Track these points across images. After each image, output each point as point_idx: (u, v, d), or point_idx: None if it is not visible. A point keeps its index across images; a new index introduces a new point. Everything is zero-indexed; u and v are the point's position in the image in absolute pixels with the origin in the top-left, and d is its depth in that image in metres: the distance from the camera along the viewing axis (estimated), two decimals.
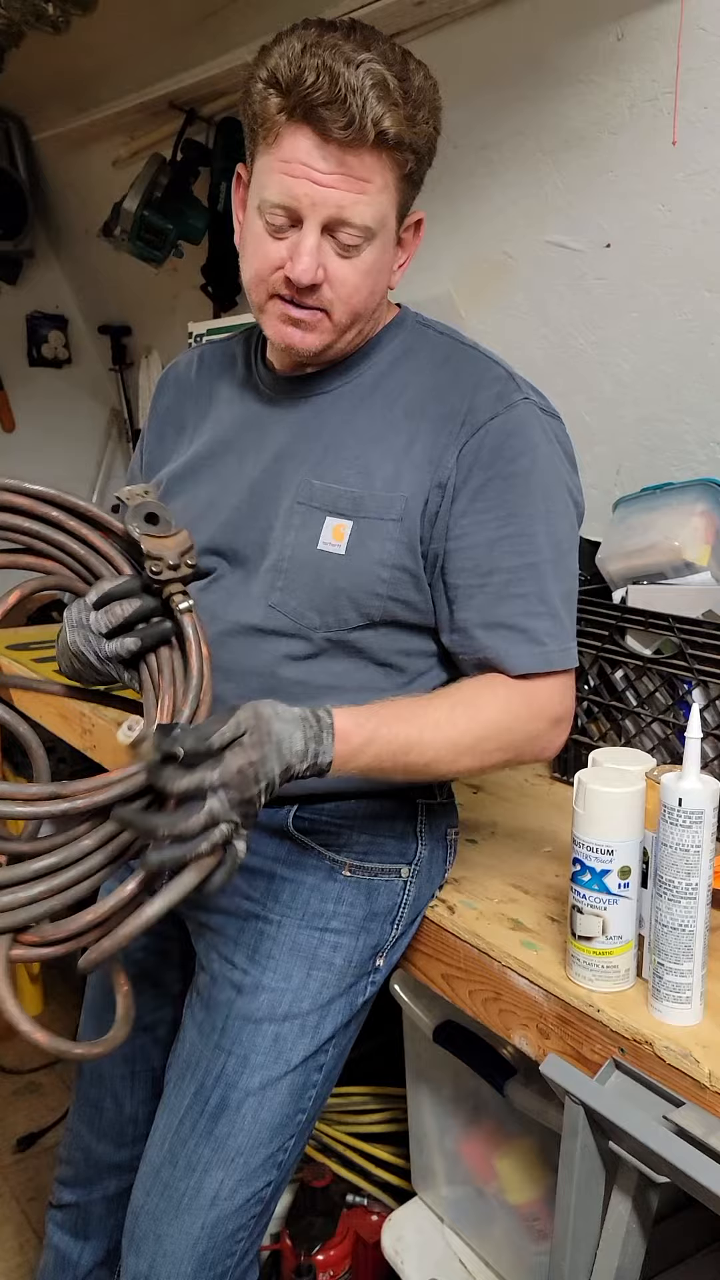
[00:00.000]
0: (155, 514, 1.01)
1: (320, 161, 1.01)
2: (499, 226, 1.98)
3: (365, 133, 1.00)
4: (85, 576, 1.04)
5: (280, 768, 0.94)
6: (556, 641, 1.11)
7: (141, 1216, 1.17)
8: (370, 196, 1.04)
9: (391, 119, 1.00)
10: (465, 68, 1.88)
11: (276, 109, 1.01)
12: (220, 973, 1.19)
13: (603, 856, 1.03)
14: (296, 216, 1.04)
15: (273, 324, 1.11)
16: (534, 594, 1.10)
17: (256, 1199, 1.16)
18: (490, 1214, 1.44)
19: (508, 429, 1.10)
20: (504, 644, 1.10)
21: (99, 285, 3.54)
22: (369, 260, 1.07)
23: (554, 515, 1.12)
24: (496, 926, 1.20)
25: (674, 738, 1.52)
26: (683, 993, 1.00)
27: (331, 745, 0.99)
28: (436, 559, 1.12)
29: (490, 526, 1.10)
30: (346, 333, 1.12)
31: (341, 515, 1.11)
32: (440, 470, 1.10)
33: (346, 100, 0.98)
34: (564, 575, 1.13)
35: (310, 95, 0.98)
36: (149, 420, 1.37)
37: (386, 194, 1.05)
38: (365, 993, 1.22)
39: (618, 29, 1.64)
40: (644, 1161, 0.95)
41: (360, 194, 1.03)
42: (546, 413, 1.15)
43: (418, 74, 1.04)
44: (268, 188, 1.05)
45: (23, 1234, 2.04)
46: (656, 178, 1.68)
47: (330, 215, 1.03)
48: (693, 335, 1.73)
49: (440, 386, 1.13)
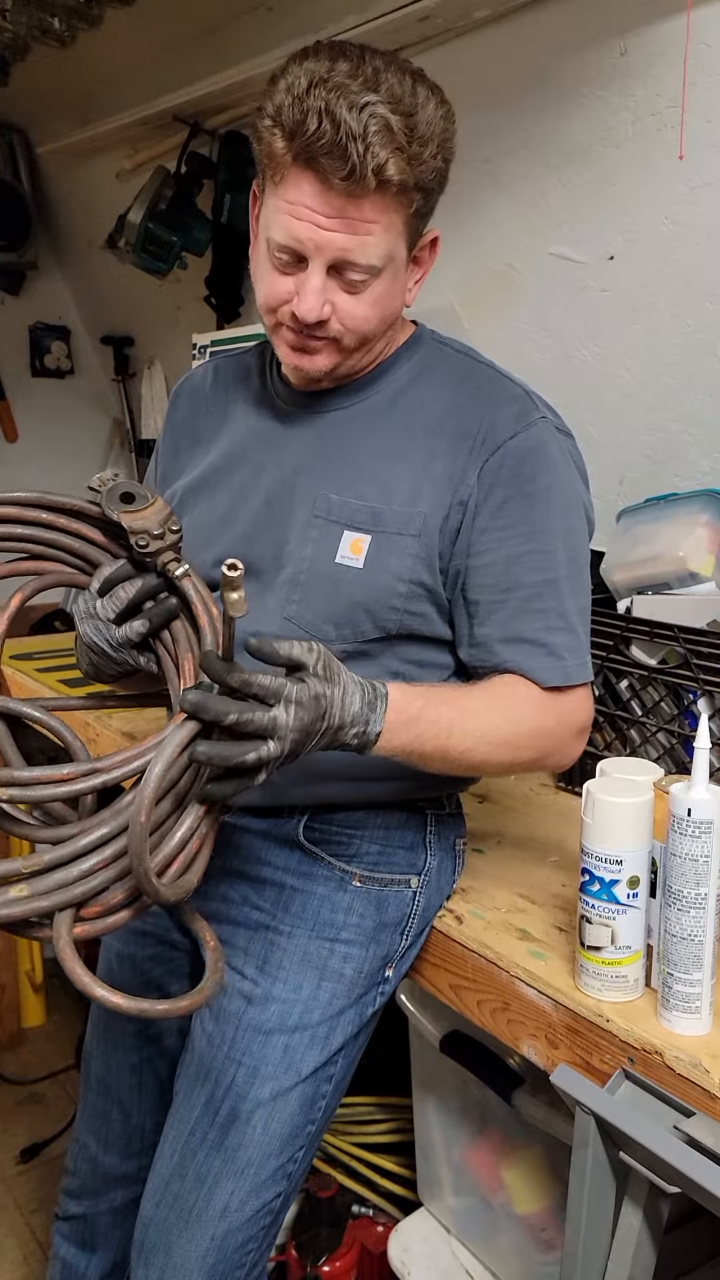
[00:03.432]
0: (130, 493, 1.01)
1: (324, 206, 1.01)
2: (503, 238, 1.99)
3: (366, 181, 0.99)
4: (85, 569, 1.05)
5: (337, 722, 0.96)
6: (575, 656, 1.13)
7: (150, 1228, 1.17)
8: (376, 238, 1.03)
9: (395, 165, 0.99)
10: (470, 81, 1.89)
11: (282, 150, 1.01)
12: (230, 983, 1.19)
13: (611, 866, 1.03)
14: (301, 257, 1.05)
15: (283, 348, 1.13)
16: (554, 609, 1.11)
17: (266, 1210, 1.16)
18: (497, 1224, 1.44)
19: (528, 447, 1.11)
20: (525, 658, 1.11)
21: (101, 296, 3.55)
22: (377, 293, 1.07)
23: (572, 532, 1.13)
24: (504, 936, 1.20)
25: (679, 748, 1.52)
26: (692, 1003, 1.01)
27: (383, 715, 1.00)
28: (458, 575, 1.13)
29: (511, 543, 1.11)
30: (355, 353, 1.13)
31: (360, 530, 1.12)
32: (462, 488, 1.11)
33: (347, 149, 0.97)
34: (580, 591, 1.15)
35: (312, 143, 0.98)
36: (163, 433, 1.37)
37: (393, 232, 1.05)
38: (375, 1003, 1.22)
39: (622, 44, 1.65)
40: (655, 1172, 0.96)
41: (366, 235, 1.03)
42: (562, 431, 1.16)
43: (427, 106, 1.02)
44: (273, 227, 1.05)
45: (27, 1245, 2.03)
46: (660, 191, 1.69)
47: (335, 258, 1.04)
48: (696, 347, 1.74)
49: (459, 405, 1.14)
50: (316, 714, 0.94)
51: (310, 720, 0.93)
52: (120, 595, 1.00)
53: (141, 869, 0.86)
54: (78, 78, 2.75)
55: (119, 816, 0.90)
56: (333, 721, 0.96)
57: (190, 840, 0.92)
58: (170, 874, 0.91)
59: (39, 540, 1.03)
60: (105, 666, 1.07)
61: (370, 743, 1.01)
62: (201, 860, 0.94)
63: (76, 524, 1.04)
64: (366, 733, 1.00)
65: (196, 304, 2.90)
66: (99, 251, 3.16)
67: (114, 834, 0.90)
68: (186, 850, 0.92)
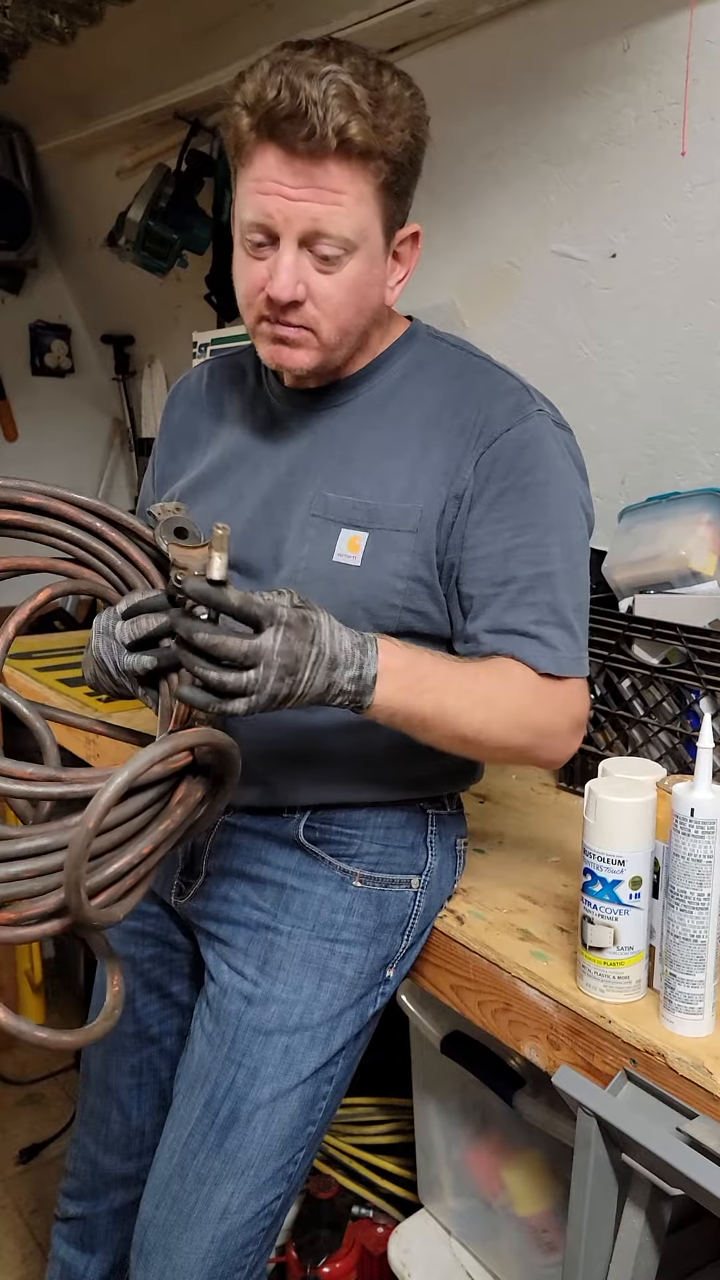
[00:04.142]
0: (185, 529, 1.01)
1: (290, 176, 1.01)
2: (504, 236, 1.99)
3: (328, 141, 0.98)
4: (119, 586, 1.04)
5: (329, 652, 0.94)
6: (568, 649, 1.11)
7: (150, 1230, 1.16)
8: (346, 208, 1.02)
9: (357, 126, 0.99)
10: (471, 78, 1.88)
11: (247, 128, 1.01)
12: (230, 984, 1.18)
13: (614, 867, 1.03)
14: (272, 234, 1.04)
15: (264, 346, 1.11)
16: (546, 603, 1.10)
17: (266, 1212, 1.16)
18: (498, 1226, 1.44)
19: (523, 440, 1.11)
20: (515, 647, 1.10)
21: (102, 295, 3.54)
22: (351, 274, 1.06)
23: (567, 527, 1.12)
24: (506, 937, 1.19)
25: (681, 747, 1.51)
26: (695, 1004, 1.00)
27: (376, 657, 0.98)
28: (452, 569, 1.12)
29: (505, 536, 1.10)
30: (337, 350, 1.11)
31: (357, 527, 1.11)
32: (457, 481, 1.11)
33: (307, 111, 0.97)
34: (576, 587, 1.13)
35: (273, 110, 0.98)
36: (159, 436, 1.36)
37: (364, 205, 1.04)
38: (375, 1004, 1.22)
39: (624, 40, 1.65)
40: (657, 1174, 0.95)
41: (335, 205, 1.02)
42: (559, 425, 1.15)
43: (393, 84, 1.03)
44: (244, 208, 1.05)
45: (26, 1246, 2.03)
46: (662, 188, 1.68)
47: (305, 229, 1.02)
48: (698, 345, 1.73)
49: (454, 399, 1.14)
50: (305, 636, 0.92)
51: (299, 646, 0.92)
52: (141, 624, 0.99)
53: (74, 879, 0.84)
54: (78, 75, 2.75)
55: (64, 832, 0.88)
56: (323, 648, 0.94)
57: (126, 876, 0.91)
58: (100, 899, 0.89)
59: (86, 546, 1.03)
60: (105, 684, 1.06)
61: (369, 688, 0.98)
62: (133, 898, 0.92)
63: (125, 542, 1.03)
64: (363, 676, 0.97)
65: (197, 302, 2.90)
66: (99, 250, 3.16)
67: (53, 847, 0.88)
68: (120, 884, 0.90)
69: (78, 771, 0.93)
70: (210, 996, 1.20)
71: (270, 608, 0.92)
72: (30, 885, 0.87)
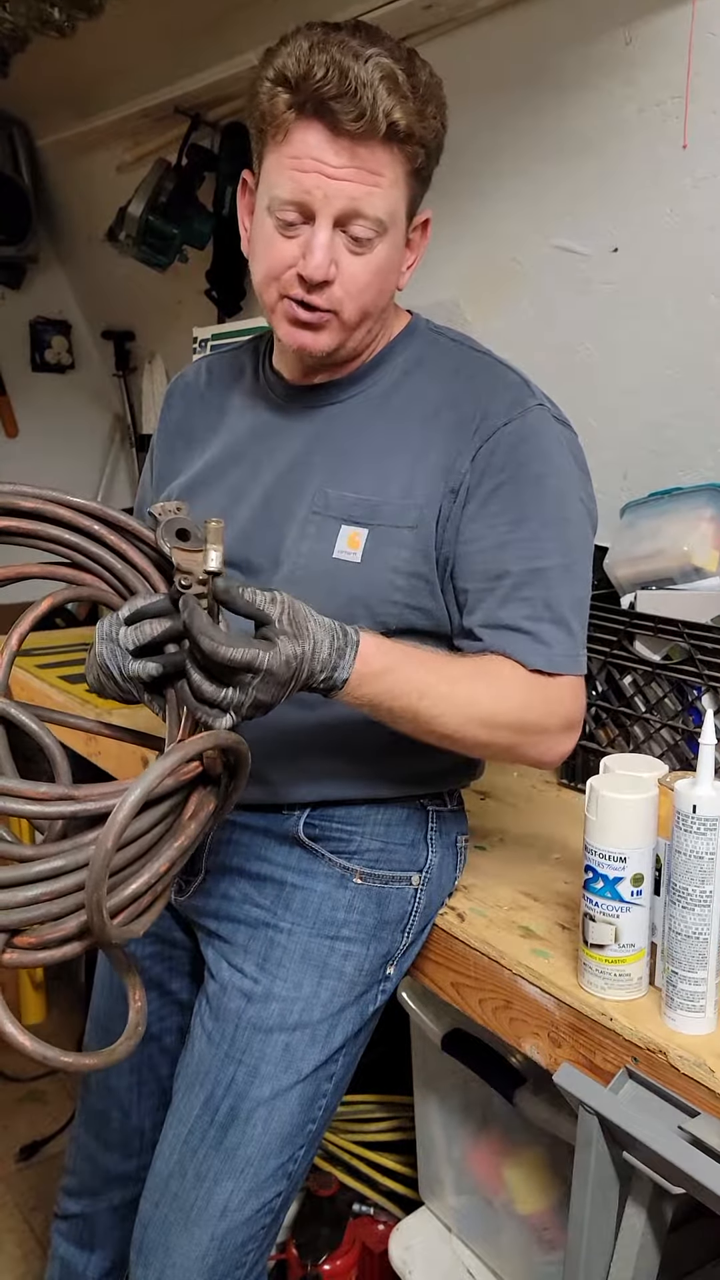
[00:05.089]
0: (186, 530, 1.00)
1: (332, 155, 1.01)
2: (505, 231, 1.98)
3: (377, 124, 1.00)
4: (121, 591, 1.03)
5: (306, 673, 0.94)
6: (561, 646, 1.10)
7: (150, 1227, 1.16)
8: (383, 190, 1.04)
9: (402, 111, 1.00)
10: (473, 72, 1.88)
11: (285, 106, 1.01)
12: (230, 981, 1.18)
13: (615, 864, 1.02)
14: (309, 212, 1.04)
15: (283, 326, 1.11)
16: (539, 599, 1.09)
17: (266, 1210, 1.15)
18: (499, 1224, 1.43)
19: (522, 434, 1.10)
20: (507, 643, 1.09)
21: (102, 290, 3.54)
22: (380, 257, 1.07)
23: (566, 522, 1.11)
24: (507, 934, 1.19)
25: (683, 744, 1.51)
26: (697, 1001, 1.00)
27: (352, 662, 0.98)
28: (448, 563, 1.11)
29: (500, 530, 1.09)
30: (356, 331, 1.11)
31: (357, 524, 1.11)
32: (453, 476, 1.10)
33: (358, 93, 0.98)
34: (574, 582, 1.12)
35: (321, 89, 0.98)
36: (157, 434, 1.36)
37: (398, 189, 1.05)
38: (376, 1001, 1.21)
39: (626, 33, 1.64)
40: (659, 1172, 0.95)
41: (374, 186, 1.03)
42: (559, 420, 1.14)
43: (424, 70, 1.05)
44: (278, 185, 1.04)
45: (26, 1244, 2.03)
46: (665, 183, 1.68)
47: (343, 208, 1.03)
48: (700, 340, 1.72)
49: (454, 394, 1.13)
50: (288, 676, 0.92)
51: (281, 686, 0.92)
52: (145, 630, 0.97)
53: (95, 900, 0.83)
54: (78, 69, 2.74)
55: (79, 851, 0.87)
56: (301, 677, 0.95)
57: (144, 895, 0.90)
58: (120, 918, 0.89)
59: (84, 551, 1.01)
60: (109, 689, 1.05)
61: (336, 687, 0.98)
62: (152, 914, 0.92)
63: (125, 545, 1.02)
64: (333, 679, 0.97)
65: (197, 298, 2.89)
66: (100, 245, 3.15)
67: (70, 868, 0.87)
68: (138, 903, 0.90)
69: (90, 788, 0.91)
70: (210, 994, 1.20)
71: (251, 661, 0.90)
72: (49, 908, 0.86)
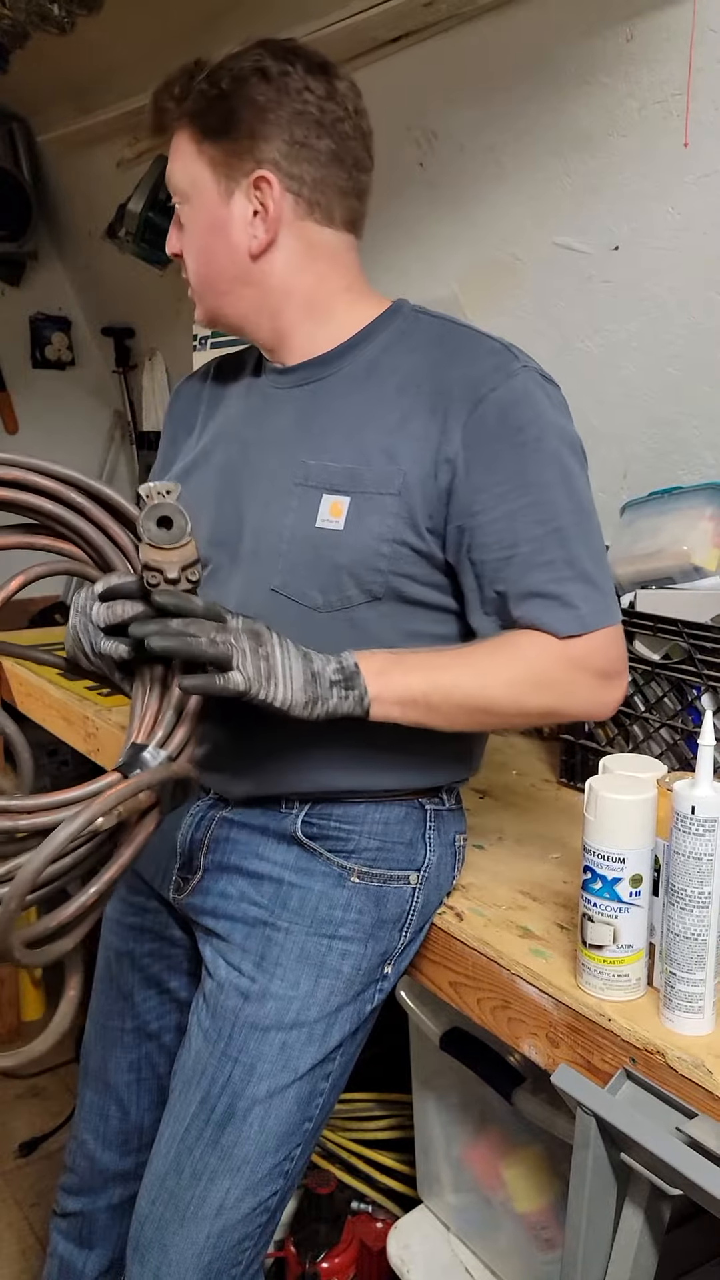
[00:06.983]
0: (169, 518, 0.96)
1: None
2: (506, 228, 1.97)
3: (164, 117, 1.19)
4: (100, 565, 1.01)
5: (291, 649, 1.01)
6: (589, 603, 1.09)
7: (146, 1225, 1.16)
8: (180, 163, 1.17)
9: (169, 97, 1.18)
10: (473, 68, 1.87)
11: None
12: (227, 980, 1.18)
13: (614, 864, 1.02)
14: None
15: None
16: (561, 559, 1.09)
17: (263, 1208, 1.15)
18: (497, 1222, 1.43)
19: (512, 398, 1.09)
20: (539, 612, 1.09)
21: (102, 287, 3.53)
22: (187, 220, 1.19)
23: (570, 476, 1.11)
24: (505, 934, 1.19)
25: (682, 744, 1.51)
26: (695, 1002, 0.99)
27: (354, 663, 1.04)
28: (460, 535, 1.10)
29: (509, 498, 1.08)
30: (216, 296, 1.20)
31: (338, 492, 1.12)
32: (446, 445, 1.09)
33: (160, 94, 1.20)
34: (588, 535, 1.11)
35: None
36: (164, 428, 1.41)
37: (192, 159, 1.16)
38: (373, 1000, 1.21)
39: (627, 30, 1.63)
40: (656, 1173, 0.95)
41: (175, 163, 1.18)
42: (546, 379, 1.14)
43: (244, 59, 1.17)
44: None
45: (25, 1240, 2.03)
46: (665, 180, 1.67)
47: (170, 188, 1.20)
48: (701, 338, 1.72)
49: (435, 362, 1.13)
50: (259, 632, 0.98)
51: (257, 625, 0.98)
52: (117, 610, 0.97)
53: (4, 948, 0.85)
54: (78, 65, 2.73)
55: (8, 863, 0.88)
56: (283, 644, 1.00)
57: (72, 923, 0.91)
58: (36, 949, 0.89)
59: (63, 521, 0.99)
60: (81, 663, 1.06)
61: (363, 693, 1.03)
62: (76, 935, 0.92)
63: (107, 519, 1.00)
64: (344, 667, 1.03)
65: None
66: (100, 242, 3.15)
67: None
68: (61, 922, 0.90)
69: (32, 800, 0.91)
70: (207, 992, 1.20)
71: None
72: None
